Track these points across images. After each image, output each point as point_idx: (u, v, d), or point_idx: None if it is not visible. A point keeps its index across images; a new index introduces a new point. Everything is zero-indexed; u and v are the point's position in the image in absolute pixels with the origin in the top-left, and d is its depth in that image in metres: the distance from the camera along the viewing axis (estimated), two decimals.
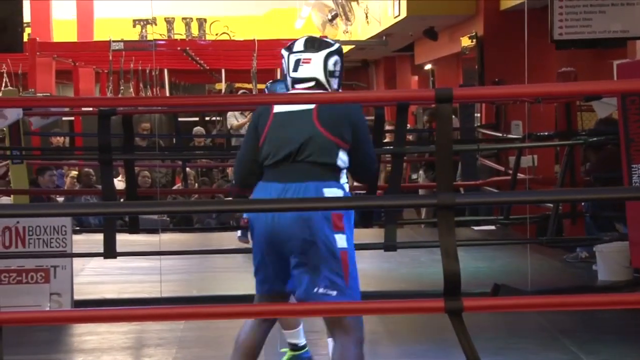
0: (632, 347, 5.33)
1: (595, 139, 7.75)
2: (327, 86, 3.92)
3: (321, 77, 3.90)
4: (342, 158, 3.87)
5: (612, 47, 8.79)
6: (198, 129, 14.03)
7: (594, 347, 5.27)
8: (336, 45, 3.98)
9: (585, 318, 5.64)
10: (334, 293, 3.74)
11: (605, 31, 7.39)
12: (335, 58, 3.93)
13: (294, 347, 4.83)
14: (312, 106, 3.79)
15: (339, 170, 3.86)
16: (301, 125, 3.82)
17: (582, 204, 7.91)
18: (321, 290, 3.75)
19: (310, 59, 3.90)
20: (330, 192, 3.78)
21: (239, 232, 7.51)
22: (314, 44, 3.93)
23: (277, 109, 3.88)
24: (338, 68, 3.95)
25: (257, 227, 3.83)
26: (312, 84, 3.90)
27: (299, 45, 3.93)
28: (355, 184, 5.49)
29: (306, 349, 4.85)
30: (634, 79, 5.90)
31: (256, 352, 3.96)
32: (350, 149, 3.88)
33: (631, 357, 5.15)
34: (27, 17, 12.53)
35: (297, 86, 3.93)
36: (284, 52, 3.96)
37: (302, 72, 3.91)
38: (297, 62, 3.91)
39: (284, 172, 3.81)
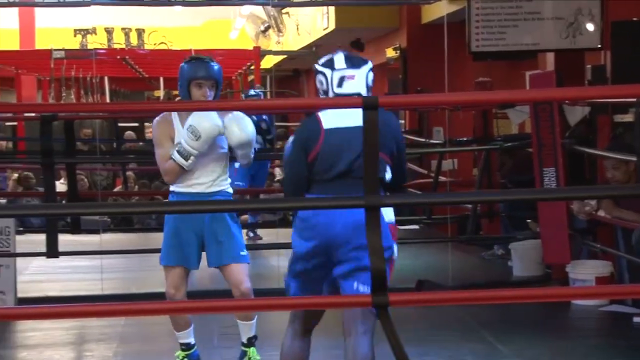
0: (542, 337, 5.44)
1: (509, 144, 7.89)
2: None
3: (363, 92, 3.78)
4: (389, 174, 3.79)
5: (524, 58, 8.96)
6: (129, 134, 13.85)
7: (509, 337, 5.36)
8: (370, 62, 3.88)
9: (501, 311, 5.73)
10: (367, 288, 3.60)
11: (517, 44, 7.52)
12: (372, 74, 3.85)
13: (187, 346, 4.68)
14: (361, 123, 3.47)
15: (384, 185, 3.76)
16: (353, 141, 3.68)
17: (499, 204, 8.04)
18: (362, 289, 3.68)
19: (354, 75, 3.77)
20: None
21: None
22: (353, 60, 3.81)
23: (327, 125, 3.75)
24: (371, 83, 3.85)
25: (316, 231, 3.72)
26: None
27: (340, 63, 3.78)
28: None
29: (195, 347, 4.72)
30: (544, 88, 6.02)
31: None
32: (392, 165, 3.80)
33: (542, 346, 5.26)
34: None
35: None
36: (325, 69, 3.79)
37: (347, 88, 3.77)
38: (342, 79, 3.77)
39: (338, 187, 3.71)
